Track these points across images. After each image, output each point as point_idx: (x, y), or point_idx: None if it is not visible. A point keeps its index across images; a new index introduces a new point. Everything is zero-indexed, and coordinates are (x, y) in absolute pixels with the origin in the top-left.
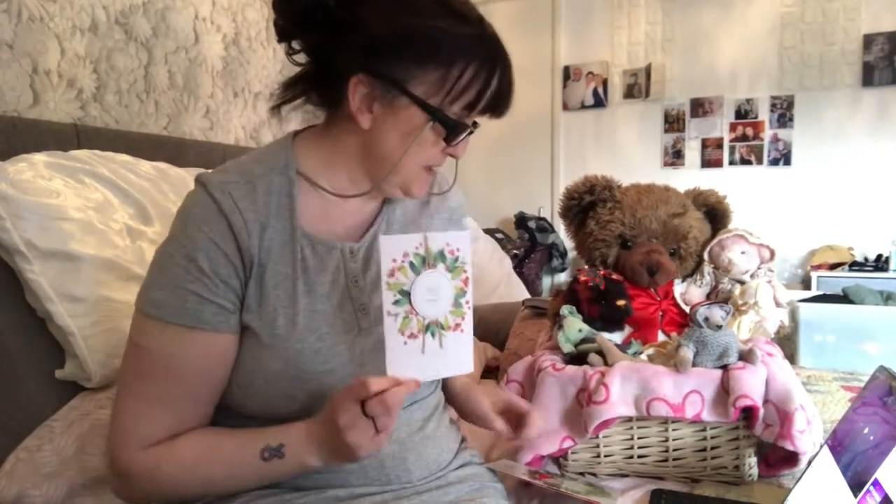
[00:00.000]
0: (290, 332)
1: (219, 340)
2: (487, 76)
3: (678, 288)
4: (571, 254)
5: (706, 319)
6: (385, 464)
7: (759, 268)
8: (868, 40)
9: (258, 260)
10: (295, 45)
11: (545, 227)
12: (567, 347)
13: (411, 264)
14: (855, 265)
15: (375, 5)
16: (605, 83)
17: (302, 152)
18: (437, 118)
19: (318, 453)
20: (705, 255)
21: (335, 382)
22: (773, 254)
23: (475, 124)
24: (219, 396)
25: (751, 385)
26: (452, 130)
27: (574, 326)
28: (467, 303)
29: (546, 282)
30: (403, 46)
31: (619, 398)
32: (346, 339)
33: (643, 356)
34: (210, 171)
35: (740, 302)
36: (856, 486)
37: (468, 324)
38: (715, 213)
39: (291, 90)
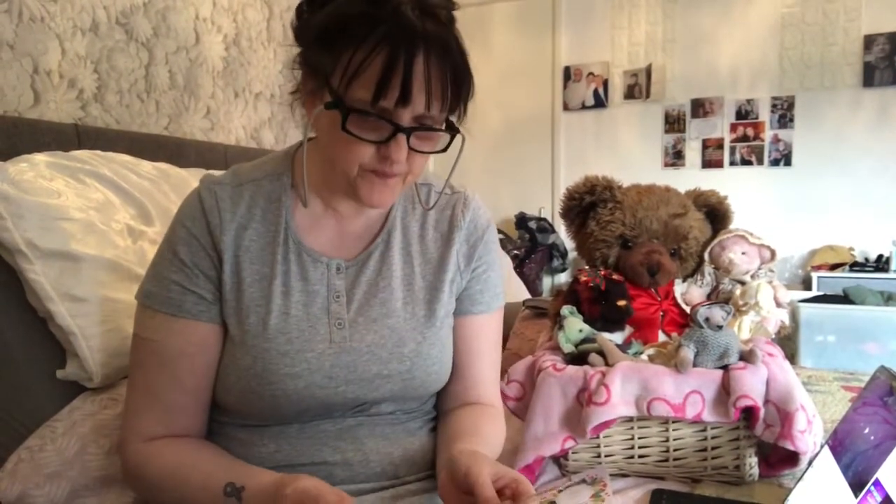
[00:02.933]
0: (260, 331)
1: (199, 329)
2: (387, 61)
3: (679, 288)
4: (572, 254)
5: (707, 320)
6: (370, 459)
7: (759, 268)
8: (869, 41)
9: (231, 257)
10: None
11: (545, 228)
12: (567, 347)
13: None
14: (855, 265)
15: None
16: (605, 84)
17: (307, 161)
18: (331, 94)
19: None
20: (706, 256)
21: (299, 387)
22: (773, 254)
23: (401, 129)
24: (207, 390)
25: (751, 385)
26: (340, 110)
27: (574, 326)
28: None
29: (546, 282)
30: (323, 37)
31: (619, 398)
32: (316, 349)
33: (644, 356)
34: (217, 172)
35: (741, 302)
36: (856, 486)
37: None
38: (715, 214)
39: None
